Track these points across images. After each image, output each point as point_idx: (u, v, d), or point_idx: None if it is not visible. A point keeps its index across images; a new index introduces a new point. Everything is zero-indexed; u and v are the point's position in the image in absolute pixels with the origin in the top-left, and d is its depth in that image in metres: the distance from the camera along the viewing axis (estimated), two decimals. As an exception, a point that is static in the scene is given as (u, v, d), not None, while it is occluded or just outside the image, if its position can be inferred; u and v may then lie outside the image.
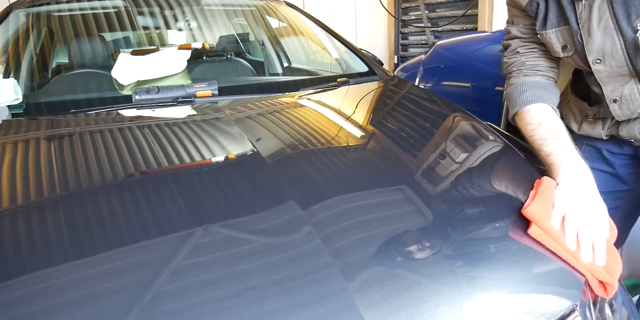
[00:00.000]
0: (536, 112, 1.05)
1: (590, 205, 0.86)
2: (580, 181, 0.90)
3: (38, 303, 0.61)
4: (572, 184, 0.89)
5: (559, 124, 1.03)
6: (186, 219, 0.78)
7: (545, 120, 1.03)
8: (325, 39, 2.08)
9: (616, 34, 0.92)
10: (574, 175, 0.90)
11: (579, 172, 0.91)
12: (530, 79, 1.10)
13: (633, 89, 1.00)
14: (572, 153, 0.95)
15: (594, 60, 0.99)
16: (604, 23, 0.93)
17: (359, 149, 1.10)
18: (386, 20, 5.14)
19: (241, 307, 0.62)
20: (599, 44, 0.96)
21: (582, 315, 0.72)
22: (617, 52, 0.95)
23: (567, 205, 0.84)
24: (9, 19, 1.73)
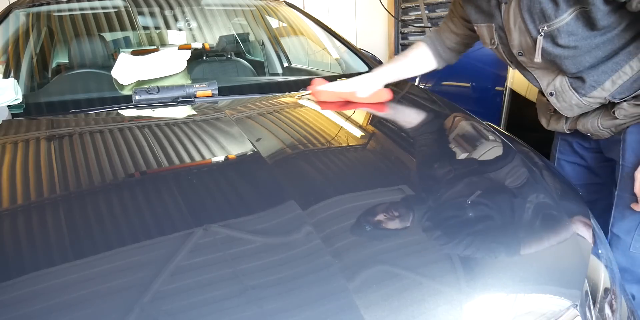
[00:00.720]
0: (415, 46, 1.42)
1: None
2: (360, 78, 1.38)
3: (38, 303, 0.61)
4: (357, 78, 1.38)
5: (417, 59, 1.41)
6: (186, 219, 0.78)
7: (412, 53, 1.41)
8: (325, 39, 2.08)
9: (527, 34, 1.06)
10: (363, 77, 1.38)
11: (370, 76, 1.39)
12: (437, 35, 1.40)
13: (562, 81, 1.10)
14: (385, 68, 1.43)
15: (517, 53, 1.13)
16: (518, 24, 1.06)
17: (359, 149, 1.10)
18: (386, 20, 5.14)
19: (241, 307, 0.62)
20: (517, 40, 1.10)
21: (582, 315, 0.72)
22: (531, 49, 1.07)
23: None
24: (9, 19, 1.73)
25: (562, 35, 0.99)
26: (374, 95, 1.37)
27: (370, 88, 1.37)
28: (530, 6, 1.01)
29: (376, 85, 1.39)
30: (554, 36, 1.01)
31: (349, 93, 1.37)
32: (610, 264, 0.93)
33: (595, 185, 1.30)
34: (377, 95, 1.37)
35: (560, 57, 1.04)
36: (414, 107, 1.44)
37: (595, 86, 1.05)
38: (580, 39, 0.99)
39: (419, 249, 0.76)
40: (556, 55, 1.04)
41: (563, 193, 0.98)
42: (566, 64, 1.05)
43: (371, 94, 1.37)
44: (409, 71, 1.45)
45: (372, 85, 1.38)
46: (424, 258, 0.74)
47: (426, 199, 0.91)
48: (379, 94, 1.37)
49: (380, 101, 1.37)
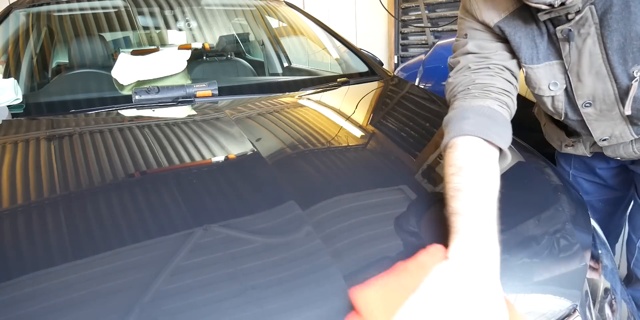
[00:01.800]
0: (466, 150, 0.78)
1: (473, 298, 0.60)
2: (474, 261, 0.64)
3: (38, 303, 0.61)
4: (459, 265, 0.63)
5: (487, 171, 0.77)
6: (186, 219, 0.78)
7: (471, 165, 0.76)
8: (325, 39, 2.08)
9: (610, 80, 0.85)
10: (470, 252, 0.65)
11: (479, 247, 0.66)
12: (478, 102, 0.85)
13: (624, 129, 0.94)
14: (482, 218, 0.70)
15: (583, 104, 0.91)
16: (596, 69, 0.85)
17: (359, 149, 1.10)
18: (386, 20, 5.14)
19: (241, 307, 0.62)
20: (589, 89, 0.88)
21: (582, 315, 0.72)
22: (609, 97, 0.88)
23: (434, 293, 0.60)
24: (9, 19, 1.73)
25: None
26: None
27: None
28: (624, 44, 0.78)
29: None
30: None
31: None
32: (610, 264, 0.93)
33: (616, 198, 1.24)
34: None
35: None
36: (414, 107, 1.44)
37: None
38: None
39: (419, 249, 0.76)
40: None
41: (563, 193, 0.98)
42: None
43: None
44: (493, 199, 0.75)
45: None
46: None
47: (426, 199, 0.91)
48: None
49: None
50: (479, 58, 0.92)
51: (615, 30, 0.79)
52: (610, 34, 0.80)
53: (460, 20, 0.98)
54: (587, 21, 0.80)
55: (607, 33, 0.80)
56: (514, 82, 0.92)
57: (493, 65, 0.91)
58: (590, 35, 0.82)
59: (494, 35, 0.92)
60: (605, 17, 0.79)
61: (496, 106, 0.85)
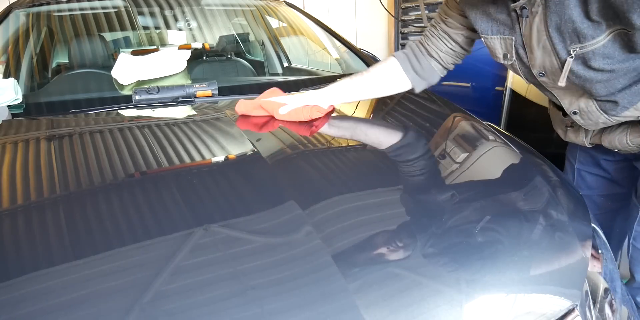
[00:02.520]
0: (382, 62, 1.23)
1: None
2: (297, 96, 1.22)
3: (38, 303, 0.61)
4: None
5: (367, 82, 1.22)
6: (186, 219, 0.78)
7: (376, 70, 1.22)
8: (325, 39, 2.08)
9: (553, 54, 0.94)
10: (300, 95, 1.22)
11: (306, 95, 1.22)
12: (415, 47, 1.21)
13: (588, 102, 1.00)
14: (335, 87, 1.23)
15: (538, 73, 1.01)
16: (543, 43, 0.94)
17: (359, 149, 1.10)
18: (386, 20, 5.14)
19: (241, 307, 0.61)
20: (539, 60, 0.97)
21: (582, 315, 0.72)
22: (556, 70, 0.96)
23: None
24: (9, 19, 1.73)
25: (596, 57, 0.88)
26: (295, 113, 1.19)
27: (300, 105, 1.19)
28: (560, 24, 0.89)
29: (316, 103, 1.21)
30: (587, 59, 0.90)
31: (272, 106, 1.20)
32: (610, 264, 0.93)
33: (619, 194, 1.26)
34: (300, 113, 1.19)
35: (592, 80, 0.93)
36: (414, 107, 1.44)
37: (628, 107, 0.95)
38: (616, 62, 0.88)
39: (419, 249, 0.76)
40: (587, 79, 0.93)
41: (563, 194, 0.98)
42: (597, 87, 0.94)
43: (292, 111, 1.18)
44: (367, 91, 1.24)
45: (311, 103, 1.20)
46: (424, 258, 0.74)
47: (426, 199, 0.91)
48: (303, 112, 1.19)
49: (302, 119, 1.19)
50: (438, 20, 1.18)
51: (553, 12, 0.89)
52: (550, 14, 0.89)
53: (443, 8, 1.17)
54: (537, 1, 0.91)
55: (548, 13, 0.90)
56: (454, 46, 1.16)
57: (440, 28, 1.17)
58: (538, 14, 0.92)
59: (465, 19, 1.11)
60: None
61: (425, 54, 1.19)
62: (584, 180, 1.27)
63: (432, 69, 1.19)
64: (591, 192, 1.27)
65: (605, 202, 1.28)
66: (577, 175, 1.28)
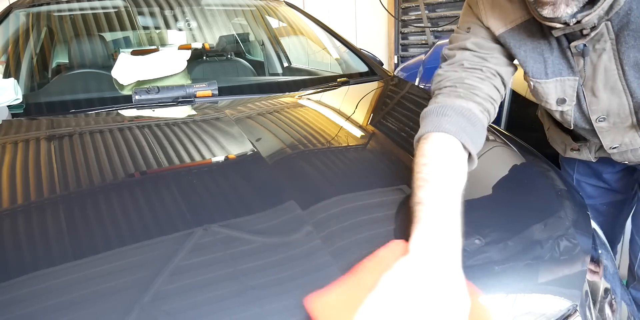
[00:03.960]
0: (439, 145, 0.79)
1: (433, 290, 0.58)
2: (434, 252, 0.63)
3: (38, 303, 0.61)
4: (419, 257, 0.62)
5: (456, 167, 0.78)
6: (186, 219, 0.78)
7: (441, 158, 0.77)
8: (325, 39, 2.08)
9: (625, 95, 0.84)
10: (430, 242, 0.64)
11: (440, 237, 0.65)
12: (461, 102, 0.84)
13: (634, 137, 0.94)
14: (446, 209, 0.69)
15: (597, 118, 0.90)
16: (612, 84, 0.84)
17: (359, 149, 1.10)
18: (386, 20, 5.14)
19: (241, 307, 0.61)
20: (604, 104, 0.87)
21: (582, 315, 0.72)
22: (624, 111, 0.87)
23: (393, 287, 0.58)
24: (9, 19, 1.73)
25: None
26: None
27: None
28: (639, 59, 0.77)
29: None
30: None
31: None
32: (610, 264, 0.93)
33: (620, 201, 1.23)
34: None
35: None
36: (414, 107, 1.44)
37: None
38: None
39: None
40: None
41: (563, 194, 0.98)
42: None
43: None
44: (458, 199, 0.74)
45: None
46: None
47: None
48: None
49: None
50: (475, 57, 0.90)
51: (632, 47, 0.78)
52: (627, 50, 0.79)
53: (466, 12, 0.94)
54: (603, 37, 0.79)
55: (623, 49, 0.79)
56: (502, 90, 0.91)
57: (486, 68, 0.88)
58: (605, 51, 0.80)
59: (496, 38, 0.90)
60: (622, 33, 0.78)
61: (478, 111, 0.84)
62: (584, 191, 1.24)
63: (483, 130, 0.86)
64: (592, 201, 1.24)
65: (608, 209, 1.26)
66: (577, 185, 1.24)
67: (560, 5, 0.74)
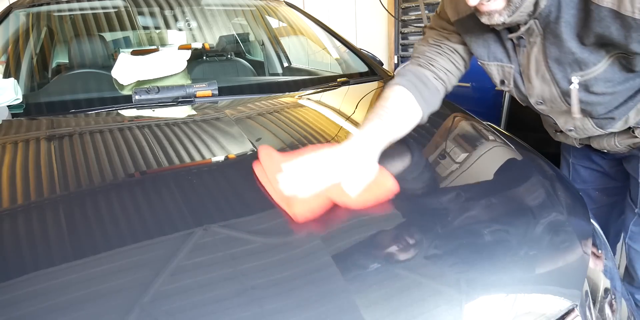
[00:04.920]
0: (395, 93, 1.00)
1: (344, 157, 0.85)
2: (357, 143, 0.89)
3: (38, 303, 0.61)
4: (345, 144, 0.89)
5: (404, 109, 0.99)
6: (186, 219, 0.78)
7: (393, 100, 0.99)
8: (325, 39, 2.08)
9: (553, 84, 0.94)
10: (357, 139, 0.90)
11: (366, 138, 0.91)
12: (419, 69, 1.05)
13: (584, 121, 1.02)
14: (380, 125, 0.94)
15: (536, 102, 1.02)
16: (541, 73, 0.94)
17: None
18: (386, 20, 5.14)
19: (241, 307, 0.61)
20: (538, 90, 0.98)
21: (582, 315, 0.72)
22: (556, 99, 0.98)
23: (319, 156, 0.85)
24: (9, 19, 1.73)
25: (598, 83, 0.90)
26: (370, 189, 0.83)
27: (361, 174, 0.85)
28: (559, 56, 0.89)
29: (367, 166, 0.87)
30: (589, 85, 0.91)
31: (336, 191, 0.81)
32: (610, 264, 0.93)
33: (614, 188, 1.27)
34: (375, 187, 0.83)
35: (594, 104, 0.95)
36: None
37: (620, 119, 0.98)
38: (616, 84, 0.90)
39: (419, 249, 0.76)
40: (589, 103, 0.95)
41: (563, 194, 0.98)
42: (598, 109, 0.96)
43: (365, 189, 0.83)
44: (393, 135, 0.97)
45: (362, 169, 0.86)
46: (423, 258, 0.74)
47: (425, 199, 0.91)
48: (378, 185, 0.84)
49: (382, 195, 0.83)
50: (438, 35, 1.09)
51: (552, 44, 0.90)
52: (549, 45, 0.90)
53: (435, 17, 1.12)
54: (534, 32, 0.91)
55: (547, 44, 0.90)
56: (460, 64, 1.08)
57: (444, 45, 1.07)
58: (536, 44, 0.92)
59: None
60: (545, 30, 0.89)
61: (431, 77, 1.04)
62: (579, 174, 1.30)
63: (438, 94, 1.05)
64: (586, 186, 1.29)
65: (600, 196, 1.30)
66: (572, 170, 1.31)
67: (495, 15, 0.87)
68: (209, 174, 0.95)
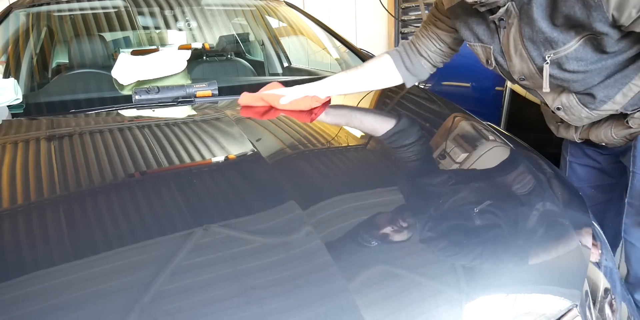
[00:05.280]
0: (374, 59, 1.32)
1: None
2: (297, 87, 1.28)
3: (38, 303, 0.61)
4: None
5: (370, 69, 1.30)
6: (186, 219, 0.78)
7: (368, 63, 1.31)
8: (325, 39, 2.08)
9: (530, 61, 1.01)
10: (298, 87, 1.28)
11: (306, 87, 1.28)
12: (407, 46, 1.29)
13: (569, 97, 1.05)
14: (330, 80, 1.30)
15: (518, 78, 1.08)
16: (519, 52, 1.01)
17: (359, 149, 1.10)
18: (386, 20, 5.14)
19: (241, 307, 0.62)
20: (518, 67, 1.05)
21: (582, 315, 0.72)
22: (534, 75, 1.03)
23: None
24: (9, 19, 1.73)
25: (570, 61, 0.95)
26: (296, 103, 1.26)
27: (299, 96, 1.26)
28: (532, 35, 0.96)
29: (314, 94, 1.27)
30: (561, 63, 0.96)
31: (273, 98, 1.27)
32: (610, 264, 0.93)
33: (609, 185, 1.28)
34: (300, 103, 1.26)
35: (568, 81, 1.00)
36: (414, 107, 1.44)
37: (606, 100, 1.00)
38: (589, 64, 0.95)
39: (419, 249, 0.76)
40: (563, 80, 1.00)
41: (563, 194, 0.98)
42: (574, 86, 1.01)
43: (293, 101, 1.26)
44: (361, 84, 1.33)
45: (307, 94, 1.27)
46: (424, 258, 0.74)
47: (426, 199, 0.91)
48: (303, 102, 1.26)
49: (302, 109, 1.25)
50: (428, 23, 1.25)
51: (526, 24, 0.96)
52: (524, 26, 0.97)
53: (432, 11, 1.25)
54: (512, 13, 0.98)
55: (522, 24, 0.97)
56: (443, 46, 1.23)
57: (431, 29, 1.24)
58: (514, 25, 0.99)
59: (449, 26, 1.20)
60: (521, 11, 0.96)
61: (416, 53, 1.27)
62: (575, 172, 1.31)
63: (421, 67, 1.28)
64: (581, 183, 1.31)
65: (596, 193, 1.31)
66: (569, 168, 1.33)
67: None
68: (209, 174, 0.95)
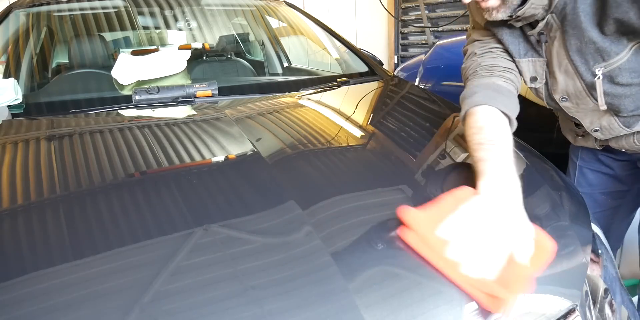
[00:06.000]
0: (481, 116, 0.94)
1: (501, 218, 0.73)
2: (500, 192, 0.77)
3: (38, 303, 0.61)
4: (489, 195, 0.76)
5: (501, 129, 0.91)
6: (186, 219, 0.78)
7: (487, 125, 0.91)
8: (325, 39, 2.08)
9: (577, 77, 0.95)
10: (496, 185, 0.78)
11: (503, 182, 0.79)
12: (485, 80, 1.01)
13: (611, 120, 1.01)
14: (503, 161, 0.83)
15: (560, 98, 1.02)
16: (564, 67, 0.95)
17: (359, 149, 1.10)
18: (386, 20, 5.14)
19: (241, 307, 0.62)
20: (562, 85, 0.98)
21: (582, 315, 0.72)
22: (581, 93, 0.97)
23: (469, 215, 0.73)
24: (9, 19, 1.73)
25: (623, 73, 0.89)
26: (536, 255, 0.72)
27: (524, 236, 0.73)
28: (581, 47, 0.89)
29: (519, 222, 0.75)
30: (613, 76, 0.90)
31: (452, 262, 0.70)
32: (610, 264, 0.93)
33: (621, 192, 1.26)
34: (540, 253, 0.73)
35: (621, 97, 0.93)
36: (414, 107, 1.44)
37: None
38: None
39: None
40: (615, 96, 0.93)
41: (564, 194, 0.98)
42: (625, 103, 0.94)
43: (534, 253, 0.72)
44: (510, 151, 0.89)
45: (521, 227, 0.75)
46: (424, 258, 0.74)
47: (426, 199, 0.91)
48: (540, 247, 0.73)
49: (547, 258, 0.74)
50: (482, 44, 1.07)
51: (572, 35, 0.90)
52: (569, 38, 0.91)
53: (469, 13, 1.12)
54: (553, 26, 0.92)
55: (567, 37, 0.91)
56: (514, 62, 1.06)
57: (494, 48, 1.05)
58: (557, 38, 0.93)
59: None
60: (564, 23, 0.90)
61: (500, 82, 1.00)
62: (585, 178, 1.28)
63: (512, 95, 1.00)
64: (592, 189, 1.28)
65: (606, 199, 1.28)
66: (579, 173, 1.29)
67: (492, 12, 0.91)
68: (209, 174, 0.95)
